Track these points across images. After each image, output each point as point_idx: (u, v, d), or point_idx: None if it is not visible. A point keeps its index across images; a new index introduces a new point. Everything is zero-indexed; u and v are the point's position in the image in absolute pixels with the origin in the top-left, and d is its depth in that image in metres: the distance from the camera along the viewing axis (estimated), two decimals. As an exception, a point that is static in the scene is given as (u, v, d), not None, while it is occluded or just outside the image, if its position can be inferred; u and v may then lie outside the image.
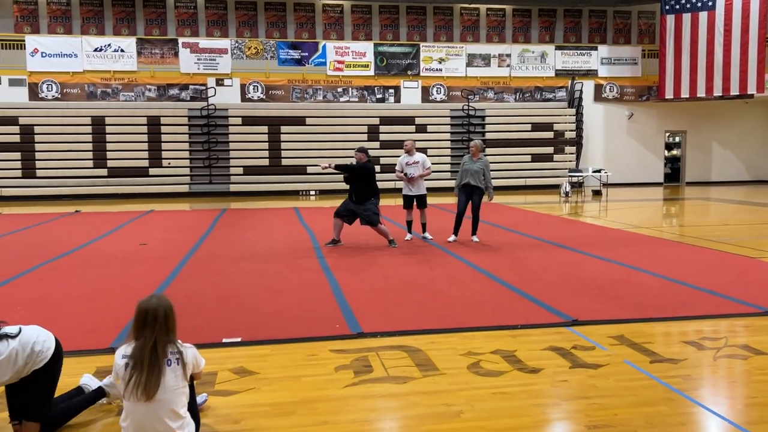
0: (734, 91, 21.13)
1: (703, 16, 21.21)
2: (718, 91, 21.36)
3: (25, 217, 14.68)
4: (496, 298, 6.44)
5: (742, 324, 5.50)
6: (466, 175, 9.98)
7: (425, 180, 10.44)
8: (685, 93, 21.86)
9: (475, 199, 10.01)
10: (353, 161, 9.88)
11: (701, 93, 21.60)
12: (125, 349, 3.23)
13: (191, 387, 3.36)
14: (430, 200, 10.76)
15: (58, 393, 3.66)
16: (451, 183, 21.58)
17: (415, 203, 10.34)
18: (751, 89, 20.87)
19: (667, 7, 21.73)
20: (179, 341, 3.29)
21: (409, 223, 10.49)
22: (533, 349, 4.84)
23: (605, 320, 5.59)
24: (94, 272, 7.98)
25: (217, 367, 4.49)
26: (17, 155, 19.60)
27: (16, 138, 19.61)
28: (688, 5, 21.40)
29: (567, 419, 3.69)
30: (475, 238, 10.05)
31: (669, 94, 22.13)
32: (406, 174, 10.23)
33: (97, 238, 10.97)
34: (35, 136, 19.74)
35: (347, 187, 9.79)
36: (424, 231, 10.44)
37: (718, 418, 3.67)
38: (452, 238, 10.09)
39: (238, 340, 5.14)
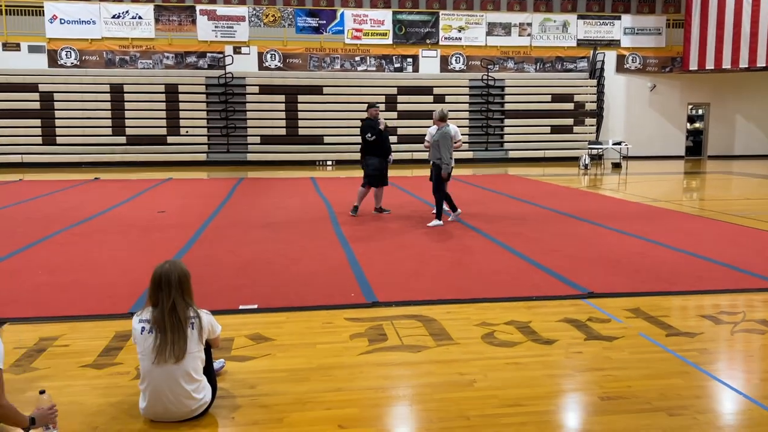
0: (761, 62, 20.59)
1: (731, -16, 20.58)
2: (744, 63, 20.83)
3: (46, 183, 14.86)
4: (512, 270, 6.43)
5: (761, 299, 5.45)
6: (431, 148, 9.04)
7: (456, 152, 9.84)
8: (710, 64, 21.37)
9: (432, 176, 9.05)
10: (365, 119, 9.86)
11: (726, 64, 21.09)
12: (142, 314, 3.28)
13: (208, 352, 3.41)
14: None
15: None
16: (468, 155, 21.60)
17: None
18: (779, 61, 20.33)
19: (695, -25, 21.12)
20: (195, 306, 3.33)
21: (448, 198, 9.34)
22: (548, 320, 4.84)
23: (621, 293, 5.56)
24: (113, 239, 8.08)
25: (233, 333, 4.55)
26: (37, 122, 19.76)
27: (36, 105, 19.75)
28: (717, -27, 20.77)
29: (580, 390, 3.70)
30: (435, 222, 8.90)
31: (693, 65, 21.65)
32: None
33: (116, 205, 11.08)
34: (54, 103, 19.86)
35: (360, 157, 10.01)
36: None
37: (733, 391, 3.66)
38: (451, 216, 9.27)
39: (255, 307, 5.19)
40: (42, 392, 3.08)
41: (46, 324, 4.79)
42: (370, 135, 9.53)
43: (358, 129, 10.16)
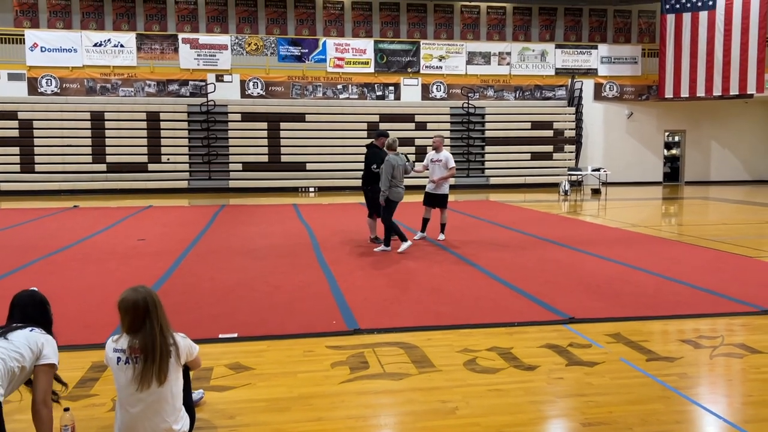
0: (734, 90, 21.12)
1: (703, 15, 21.19)
2: (717, 91, 21.35)
3: (24, 211, 14.67)
4: (493, 296, 6.44)
5: (740, 323, 5.50)
6: None
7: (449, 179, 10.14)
8: (684, 92, 21.85)
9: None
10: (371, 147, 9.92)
11: (701, 92, 21.59)
12: (118, 342, 3.17)
13: (186, 380, 3.35)
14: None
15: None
16: (450, 180, 21.65)
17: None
18: (751, 89, 20.85)
19: (668, 7, 21.71)
20: (171, 330, 3.27)
21: (425, 221, 10.12)
22: (530, 346, 4.84)
23: (602, 318, 5.59)
24: (92, 267, 7.97)
25: (213, 362, 4.48)
26: (16, 150, 19.56)
27: (15, 132, 19.58)
28: (689, 5, 21.38)
29: (562, 416, 3.69)
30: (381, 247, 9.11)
31: (669, 93, 22.12)
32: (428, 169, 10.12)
33: (95, 233, 10.96)
34: (34, 130, 19.72)
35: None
36: (442, 231, 10.04)
37: (713, 416, 3.67)
38: (417, 234, 10.10)
39: (235, 335, 5.13)
40: (66, 410, 3.14)
41: (21, 355, 4.68)
42: (375, 167, 9.41)
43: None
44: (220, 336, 5.10)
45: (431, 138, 10.82)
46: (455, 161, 10.54)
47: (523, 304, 6.11)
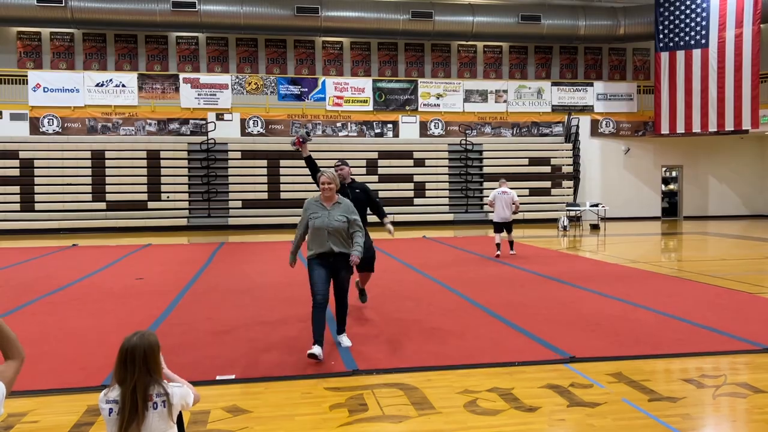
0: (729, 126, 21.34)
1: (696, 53, 21.54)
2: (713, 127, 21.57)
3: (23, 250, 14.65)
4: (493, 334, 6.39)
5: (742, 361, 5.45)
6: None
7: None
8: (680, 128, 22.08)
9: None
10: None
11: (696, 129, 21.81)
12: (110, 393, 3.13)
13: (180, 426, 3.29)
14: (429, 233, 10.73)
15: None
16: (449, 216, 21.81)
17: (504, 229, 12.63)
18: (746, 125, 21.07)
19: (661, 45, 22.08)
20: (165, 381, 3.20)
21: (498, 245, 12.62)
22: (530, 386, 4.78)
23: (603, 357, 5.53)
24: (90, 307, 7.93)
25: (210, 405, 4.42)
26: (16, 189, 19.66)
27: (16, 172, 19.70)
28: (682, 43, 21.75)
29: (564, 460, 3.62)
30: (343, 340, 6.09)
31: (665, 129, 22.34)
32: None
33: (93, 272, 10.92)
34: (35, 170, 19.83)
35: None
36: (511, 248, 12.67)
37: (718, 459, 3.61)
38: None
39: (232, 377, 5.07)
40: None
41: (15, 399, 4.62)
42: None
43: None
44: (218, 378, 5.04)
45: (430, 174, 10.89)
46: (454, 197, 10.64)
47: (524, 342, 6.05)
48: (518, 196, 13.21)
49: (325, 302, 5.62)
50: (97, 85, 20.66)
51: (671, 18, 21.82)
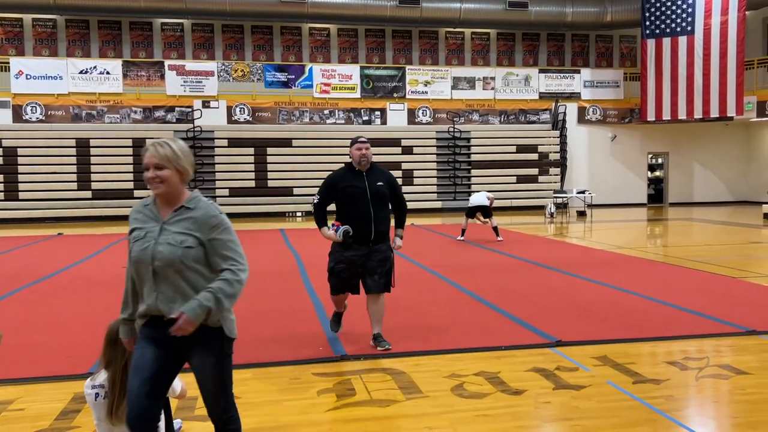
0: (714, 113, 21.48)
1: (682, 40, 21.62)
2: (698, 114, 21.71)
3: (7, 240, 14.51)
4: (481, 320, 6.43)
5: (726, 344, 5.53)
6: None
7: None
8: (666, 115, 22.19)
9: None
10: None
11: (682, 115, 21.94)
12: (96, 379, 3.13)
13: (167, 410, 3.29)
14: (417, 221, 10.72)
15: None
16: (437, 204, 21.85)
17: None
18: (731, 112, 21.22)
19: (648, 32, 22.14)
20: None
21: (463, 231, 13.19)
22: (517, 370, 4.82)
23: (589, 341, 5.59)
24: (76, 296, 7.88)
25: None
26: (0, 177, 19.43)
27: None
28: (668, 30, 21.82)
29: (550, 441, 3.66)
30: None
31: (651, 116, 22.46)
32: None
33: (79, 261, 10.85)
34: (18, 158, 19.61)
35: (332, 208, 6.27)
36: (497, 234, 12.92)
37: (700, 438, 3.66)
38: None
39: (220, 363, 5.06)
40: None
41: (1, 387, 4.60)
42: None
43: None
44: (205, 364, 5.03)
45: (418, 162, 10.90)
46: (442, 185, 10.69)
47: (511, 327, 6.10)
48: (506, 183, 13.43)
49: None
50: (80, 72, 20.41)
51: (657, 5, 21.87)
